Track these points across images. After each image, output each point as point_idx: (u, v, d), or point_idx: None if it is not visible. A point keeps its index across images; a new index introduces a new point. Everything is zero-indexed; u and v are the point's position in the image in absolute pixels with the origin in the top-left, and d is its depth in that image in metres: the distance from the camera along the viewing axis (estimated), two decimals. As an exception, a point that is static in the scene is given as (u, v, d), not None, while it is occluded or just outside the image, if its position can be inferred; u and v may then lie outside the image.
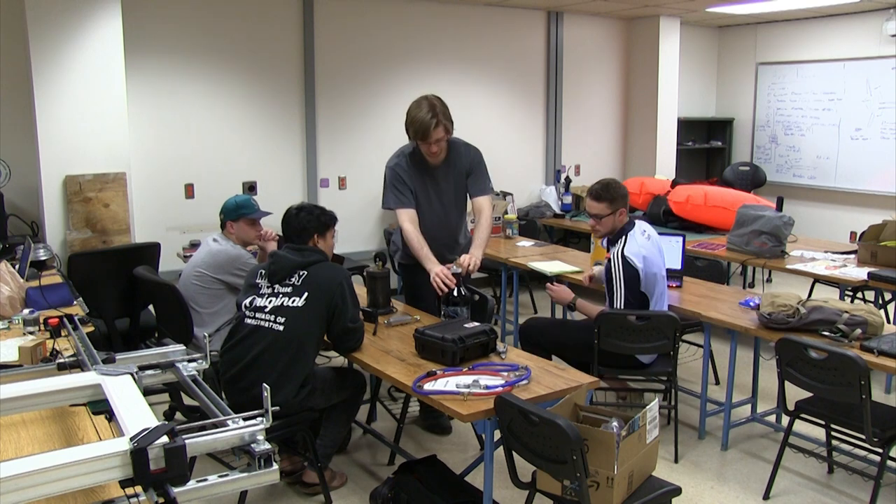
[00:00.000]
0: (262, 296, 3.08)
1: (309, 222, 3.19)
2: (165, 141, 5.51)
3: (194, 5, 5.51)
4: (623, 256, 3.52)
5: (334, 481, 3.44)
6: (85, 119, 4.73)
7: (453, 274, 3.39)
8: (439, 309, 3.45)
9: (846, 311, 3.23)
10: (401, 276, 4.12)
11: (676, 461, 3.68)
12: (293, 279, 3.06)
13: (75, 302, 3.45)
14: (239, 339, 3.07)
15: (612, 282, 3.56)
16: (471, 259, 3.50)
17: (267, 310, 3.04)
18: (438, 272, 3.43)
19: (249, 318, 3.07)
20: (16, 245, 4.37)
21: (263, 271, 3.14)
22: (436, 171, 3.71)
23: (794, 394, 3.18)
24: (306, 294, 3.02)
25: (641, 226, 3.68)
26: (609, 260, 3.60)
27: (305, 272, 3.07)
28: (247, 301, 3.11)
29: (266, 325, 3.02)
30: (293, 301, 3.02)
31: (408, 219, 3.66)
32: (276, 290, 3.07)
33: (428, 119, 3.45)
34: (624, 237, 3.58)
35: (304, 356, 3.02)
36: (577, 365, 3.35)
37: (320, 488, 3.27)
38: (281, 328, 3.00)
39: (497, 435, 2.55)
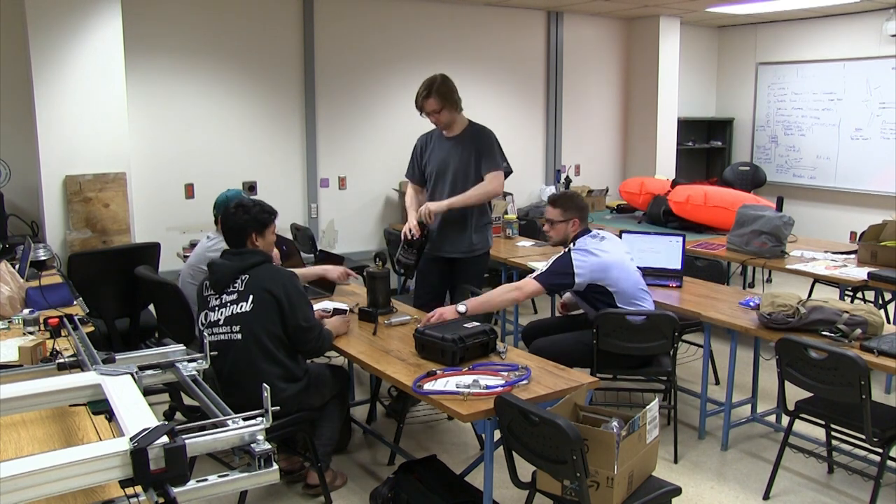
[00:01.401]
0: (212, 309, 3.05)
1: (246, 221, 3.11)
2: (165, 141, 5.51)
3: (194, 5, 5.52)
4: (567, 253, 3.49)
5: (336, 481, 3.44)
6: (85, 119, 4.74)
7: (418, 222, 3.82)
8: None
9: (846, 311, 3.23)
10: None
11: (676, 461, 3.68)
12: (236, 285, 3.02)
13: (75, 302, 3.45)
14: (213, 357, 3.04)
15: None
16: (426, 208, 3.82)
17: (220, 323, 3.01)
18: (411, 224, 3.89)
19: (209, 335, 3.01)
20: (16, 245, 4.37)
21: (207, 282, 3.12)
22: (452, 144, 3.97)
23: (794, 394, 3.18)
24: (251, 297, 2.99)
25: (598, 233, 3.62)
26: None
27: (247, 276, 3.03)
28: (202, 318, 3.09)
29: (226, 337, 2.99)
30: (241, 307, 2.99)
31: (410, 189, 4.17)
32: (223, 301, 3.03)
33: (422, 90, 3.83)
34: (576, 241, 3.55)
35: (272, 355, 2.99)
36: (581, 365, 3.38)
37: (316, 488, 3.27)
38: (239, 336, 2.97)
39: (497, 435, 2.55)
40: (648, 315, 3.48)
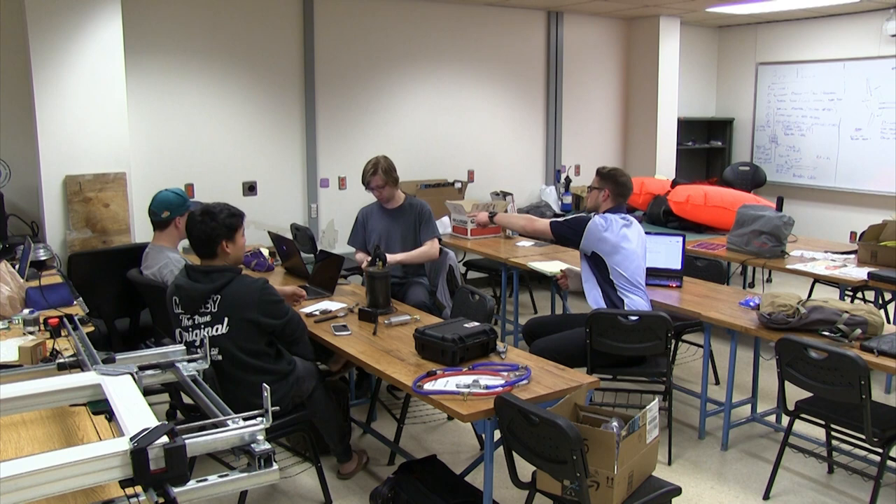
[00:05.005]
0: (186, 329, 2.95)
1: (214, 229, 2.94)
2: (165, 141, 5.51)
3: (194, 5, 5.51)
4: (591, 214, 3.73)
5: (363, 459, 3.62)
6: (85, 119, 4.73)
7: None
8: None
9: (846, 311, 3.23)
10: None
11: (670, 463, 3.68)
12: (208, 306, 2.90)
13: (75, 302, 3.45)
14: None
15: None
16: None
17: (197, 344, 2.87)
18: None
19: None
20: (16, 245, 4.37)
21: (177, 299, 2.98)
22: (393, 216, 4.44)
23: (794, 394, 3.18)
24: (226, 319, 2.89)
25: (627, 217, 3.77)
26: None
27: (219, 296, 2.90)
28: (177, 336, 2.99)
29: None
30: (216, 329, 2.89)
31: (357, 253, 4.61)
32: (196, 321, 2.93)
33: (369, 168, 4.34)
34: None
35: (255, 367, 2.94)
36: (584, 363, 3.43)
37: (351, 473, 3.46)
38: (220, 357, 2.89)
39: (497, 435, 2.55)
40: (642, 316, 3.49)
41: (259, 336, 2.97)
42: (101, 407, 1.94)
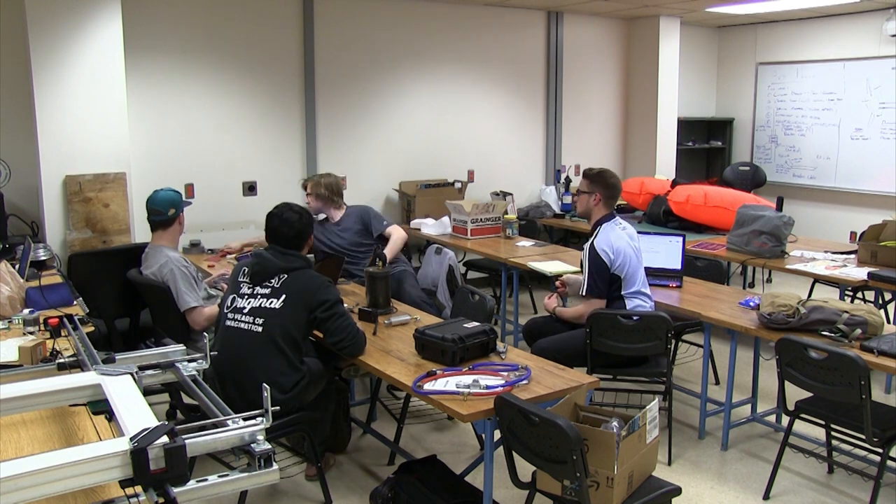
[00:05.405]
0: (242, 296, 3.11)
1: (307, 226, 3.23)
2: (165, 141, 5.51)
3: (194, 5, 5.51)
4: (592, 247, 3.63)
5: (330, 461, 3.59)
6: (85, 119, 4.73)
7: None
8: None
9: (846, 311, 3.23)
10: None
11: (670, 463, 3.68)
12: (273, 281, 3.08)
13: (75, 302, 3.45)
14: (223, 342, 3.08)
15: (583, 270, 3.71)
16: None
17: (245, 311, 3.06)
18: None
19: (230, 319, 3.09)
20: (16, 245, 4.37)
21: (246, 269, 3.16)
22: (337, 229, 4.66)
23: (794, 394, 3.18)
24: (284, 297, 3.04)
25: (620, 222, 3.76)
26: (584, 250, 3.72)
27: (286, 276, 3.09)
28: (228, 301, 3.14)
29: (245, 326, 3.04)
30: (270, 303, 3.04)
31: None
32: (255, 291, 3.09)
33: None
34: (598, 229, 3.69)
35: (286, 357, 3.01)
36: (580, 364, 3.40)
37: (314, 476, 3.37)
38: (259, 329, 3.02)
39: (497, 435, 2.55)
40: (642, 316, 3.49)
41: (304, 324, 3.06)
42: (101, 407, 1.94)
